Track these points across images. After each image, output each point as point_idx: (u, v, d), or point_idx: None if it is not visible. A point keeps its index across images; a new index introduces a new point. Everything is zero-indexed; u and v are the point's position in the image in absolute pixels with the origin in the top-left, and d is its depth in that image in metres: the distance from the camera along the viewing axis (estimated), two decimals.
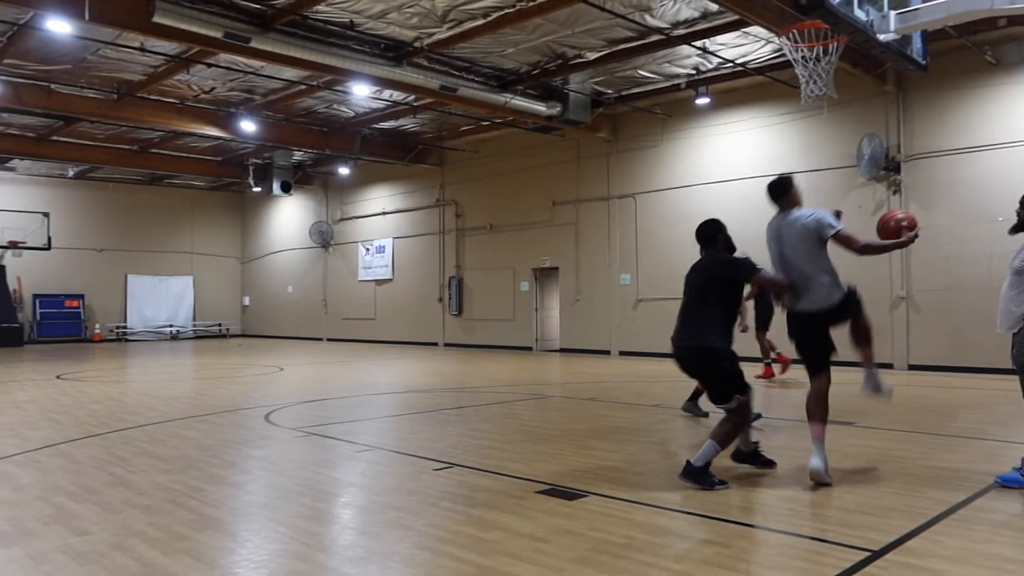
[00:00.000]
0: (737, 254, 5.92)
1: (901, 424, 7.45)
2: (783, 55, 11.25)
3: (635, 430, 7.32)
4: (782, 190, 5.78)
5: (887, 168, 13.27)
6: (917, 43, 9.52)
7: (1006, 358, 5.21)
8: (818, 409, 5.24)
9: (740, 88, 14.97)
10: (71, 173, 24.24)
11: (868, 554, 3.65)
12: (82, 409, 9.03)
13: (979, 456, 5.92)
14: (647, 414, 8.44)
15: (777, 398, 9.91)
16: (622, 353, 16.90)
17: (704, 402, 7.08)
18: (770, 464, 5.50)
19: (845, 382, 6.66)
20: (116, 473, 5.57)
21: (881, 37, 7.91)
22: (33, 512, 4.54)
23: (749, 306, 10.35)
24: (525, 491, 4.94)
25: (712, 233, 5.66)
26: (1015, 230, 5.15)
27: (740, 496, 4.91)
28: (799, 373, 6.21)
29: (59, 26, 10.92)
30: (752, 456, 5.52)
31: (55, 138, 19.14)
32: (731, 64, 13.50)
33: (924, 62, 9.75)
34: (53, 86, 14.70)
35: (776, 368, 11.47)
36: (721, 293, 5.36)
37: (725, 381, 5.14)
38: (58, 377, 13.15)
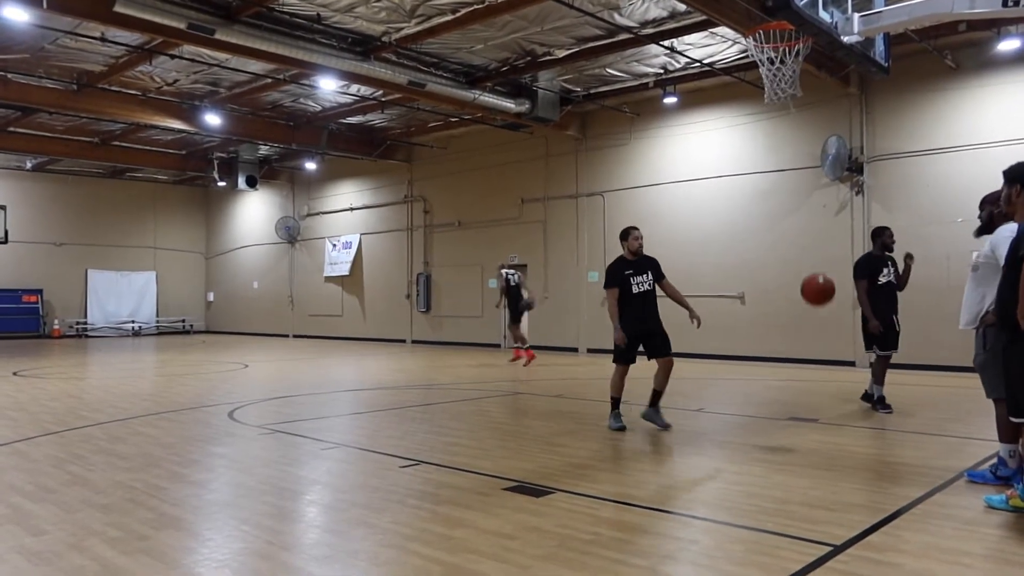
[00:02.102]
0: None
1: (863, 421, 7.58)
2: (749, 56, 11.37)
3: (602, 427, 7.35)
4: None
5: (850, 169, 13.48)
6: (880, 46, 9.67)
7: (964, 356, 5.32)
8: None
9: (707, 88, 15.09)
10: (29, 165, 23.67)
11: (830, 549, 3.70)
12: (39, 406, 8.82)
13: (938, 452, 6.04)
14: None
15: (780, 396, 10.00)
16: (590, 350, 16.97)
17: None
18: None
19: (816, 379, 6.75)
20: (74, 472, 5.45)
21: (845, 39, 8.02)
22: None
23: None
24: (492, 488, 4.93)
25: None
26: (980, 232, 5.25)
27: (705, 492, 4.95)
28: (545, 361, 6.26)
29: (16, 14, 10.62)
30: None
31: (12, 129, 18.63)
32: (698, 64, 13.60)
33: (887, 65, 9.90)
34: (10, 75, 14.30)
35: (523, 357, 14.21)
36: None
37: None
38: (14, 374, 12.84)
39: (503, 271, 15.10)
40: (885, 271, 8.00)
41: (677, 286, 7.39)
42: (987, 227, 5.16)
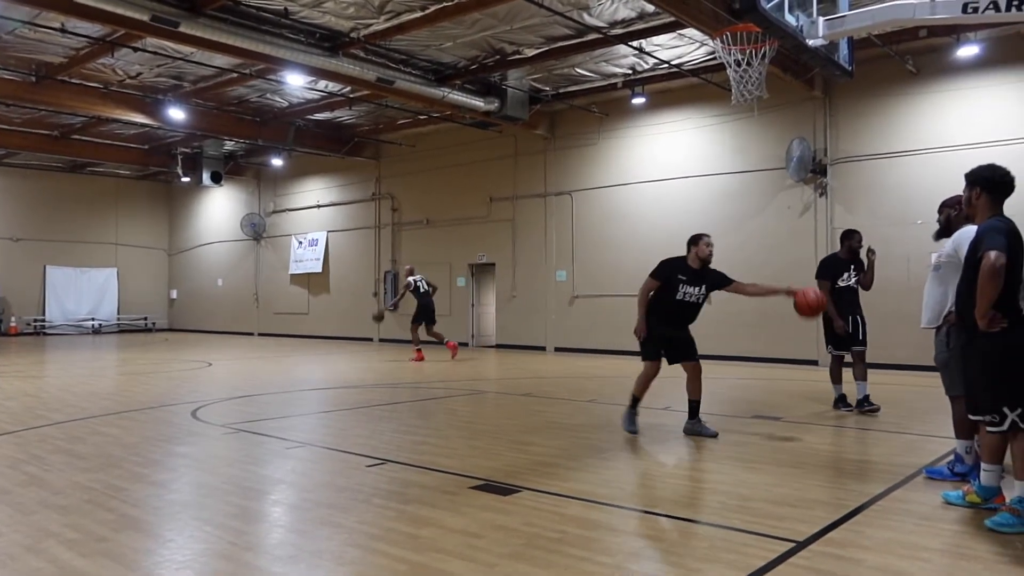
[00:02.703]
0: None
1: (825, 419, 7.70)
2: (717, 57, 11.48)
3: (569, 426, 7.37)
4: None
5: (814, 171, 13.68)
6: (844, 50, 9.81)
7: (924, 355, 5.41)
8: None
9: (675, 89, 15.21)
10: None
11: (793, 545, 3.74)
12: None
13: (898, 449, 6.15)
14: (581, 410, 8.51)
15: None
16: (557, 349, 17.01)
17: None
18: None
19: (780, 378, 6.83)
20: (31, 472, 5.32)
21: (810, 42, 8.12)
22: None
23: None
24: (459, 487, 4.92)
25: None
26: (939, 235, 5.35)
27: (671, 490, 4.99)
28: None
29: None
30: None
31: None
32: (667, 65, 13.71)
33: (850, 69, 10.04)
34: None
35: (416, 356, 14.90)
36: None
37: None
38: None
39: (410, 277, 15.40)
40: (846, 275, 8.15)
41: (638, 286, 7.02)
42: (945, 230, 5.26)
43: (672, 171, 15.52)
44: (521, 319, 17.84)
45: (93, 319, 25.88)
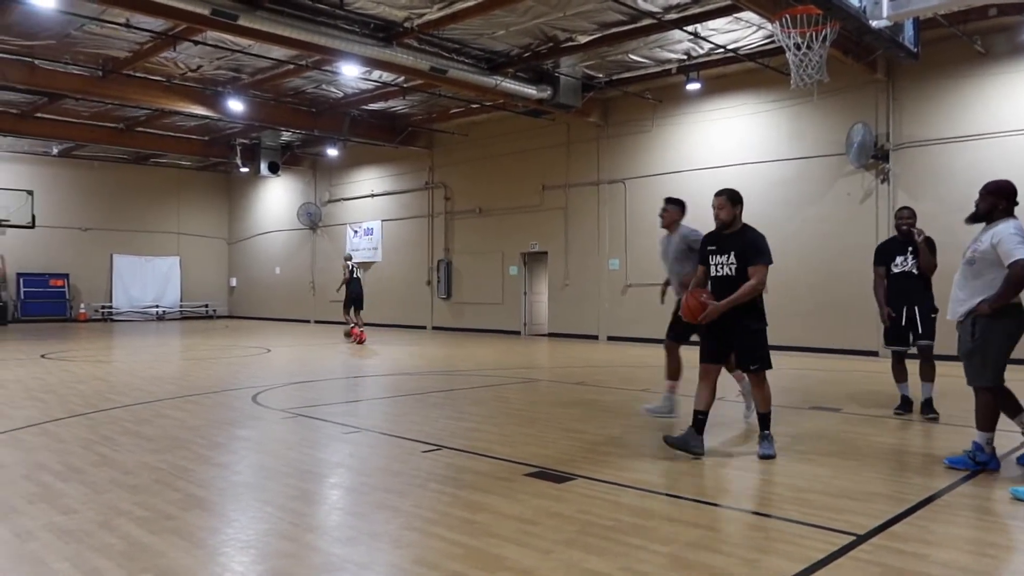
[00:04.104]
0: None
1: (885, 412, 7.51)
2: (774, 41, 11.23)
3: (622, 414, 7.35)
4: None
5: (876, 156, 13.31)
6: (909, 31, 9.51)
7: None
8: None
9: (731, 74, 14.94)
10: (55, 151, 23.95)
11: (853, 538, 3.68)
12: (67, 389, 8.96)
13: (963, 443, 5.96)
14: (635, 398, 8.47)
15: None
16: (610, 338, 16.94)
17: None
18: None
19: (839, 369, 6.69)
20: (102, 453, 5.54)
21: (873, 23, 7.88)
22: (18, 490, 4.51)
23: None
24: (513, 474, 4.95)
25: None
26: (974, 220, 5.20)
27: (726, 480, 4.94)
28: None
29: (42, 0, 10.73)
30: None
31: (39, 115, 18.85)
32: (722, 50, 13.46)
33: (916, 50, 9.73)
34: (37, 62, 14.46)
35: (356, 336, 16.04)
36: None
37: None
38: (42, 356, 13.05)
39: (347, 263, 16.89)
40: (900, 259, 7.12)
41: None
42: (983, 217, 5.12)
43: (727, 158, 15.27)
44: (573, 308, 17.80)
45: (157, 306, 26.72)
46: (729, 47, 13.36)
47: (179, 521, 3.97)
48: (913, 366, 7.19)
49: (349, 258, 17.44)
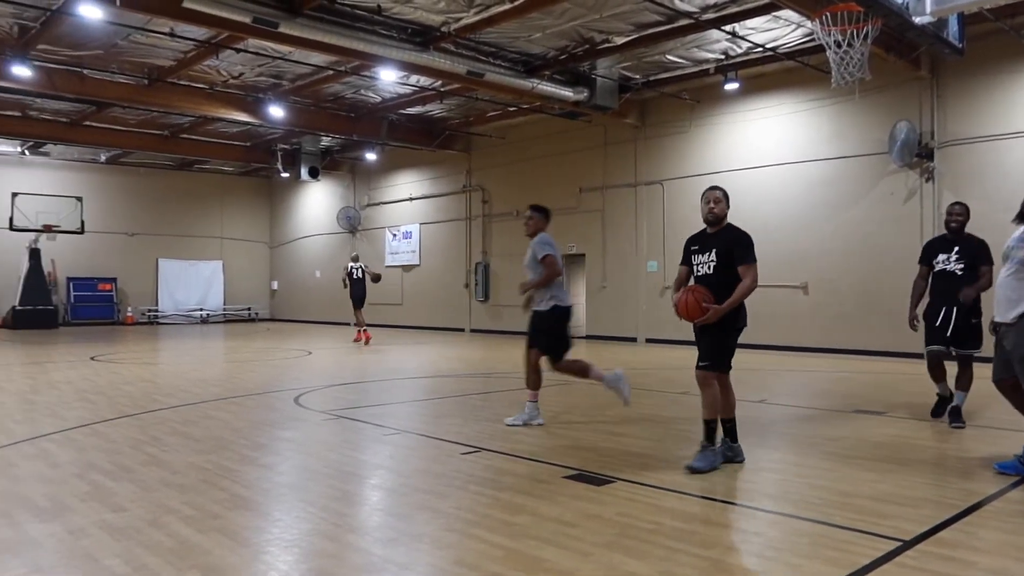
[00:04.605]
0: None
1: (931, 415, 7.35)
2: (814, 39, 11.08)
3: (662, 417, 7.31)
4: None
5: (920, 155, 13.05)
6: (954, 26, 9.32)
7: None
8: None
9: (770, 73, 14.77)
10: (103, 158, 24.59)
11: (899, 544, 3.62)
12: (116, 390, 9.19)
13: (1012, 448, 5.82)
14: (674, 402, 8.42)
15: (807, 389, 9.82)
16: (649, 340, 16.84)
17: None
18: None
19: (883, 371, 6.57)
20: (150, 452, 5.68)
21: (916, 20, 7.76)
22: (71, 489, 4.64)
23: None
24: (552, 476, 4.96)
25: None
26: (1020, 219, 5.06)
27: (769, 485, 4.89)
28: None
29: (91, 11, 11.03)
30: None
31: (87, 123, 19.40)
32: (761, 49, 13.32)
33: (961, 46, 9.54)
34: (85, 71, 14.87)
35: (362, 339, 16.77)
36: None
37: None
38: (92, 359, 13.39)
39: (349, 264, 17.42)
40: (944, 256, 6.79)
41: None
42: None
43: (767, 158, 15.10)
44: (611, 310, 17.74)
45: (201, 309, 27.24)
46: (768, 46, 13.21)
47: (225, 520, 4.05)
48: (951, 368, 6.92)
49: (356, 259, 17.74)
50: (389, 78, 15.22)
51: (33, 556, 3.53)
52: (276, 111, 16.78)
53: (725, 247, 5.21)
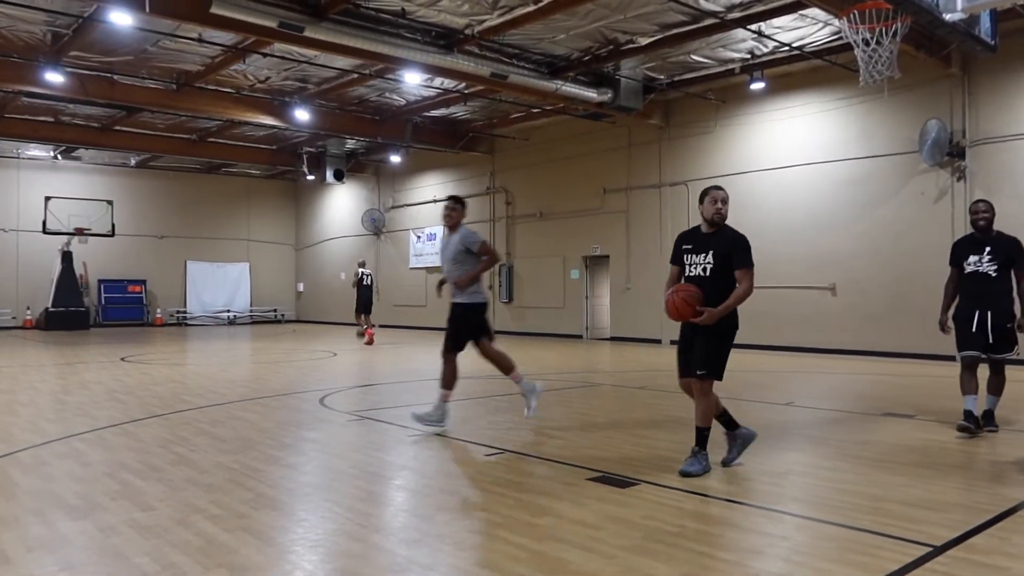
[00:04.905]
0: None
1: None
2: (842, 38, 10.96)
3: (686, 420, 7.22)
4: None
5: (951, 154, 12.85)
6: (986, 23, 9.15)
7: None
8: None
9: (796, 72, 14.63)
10: (133, 162, 24.97)
11: (930, 550, 3.56)
12: (145, 391, 9.32)
13: None
14: None
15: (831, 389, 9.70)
16: (673, 342, 16.69)
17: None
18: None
19: (913, 374, 6.47)
20: (178, 452, 5.74)
21: (947, 17, 7.62)
22: (101, 487, 4.71)
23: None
24: (576, 478, 4.95)
25: None
26: None
27: (796, 488, 4.84)
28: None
29: (121, 18, 11.20)
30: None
31: (118, 128, 19.70)
32: (787, 48, 13.20)
33: (993, 43, 9.36)
34: (116, 77, 15.11)
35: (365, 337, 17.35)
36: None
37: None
38: (122, 359, 13.59)
39: (359, 270, 18.45)
40: (974, 258, 6.48)
41: (764, 278, 6.22)
42: None
43: (794, 158, 14.95)
44: (636, 311, 17.66)
45: (228, 311, 27.54)
46: (794, 45, 13.09)
47: (251, 520, 4.08)
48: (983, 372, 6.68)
49: (363, 264, 18.82)
50: (413, 81, 15.29)
51: (65, 553, 3.59)
52: (302, 114, 16.93)
53: (724, 249, 5.08)
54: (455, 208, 7.13)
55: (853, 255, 14.08)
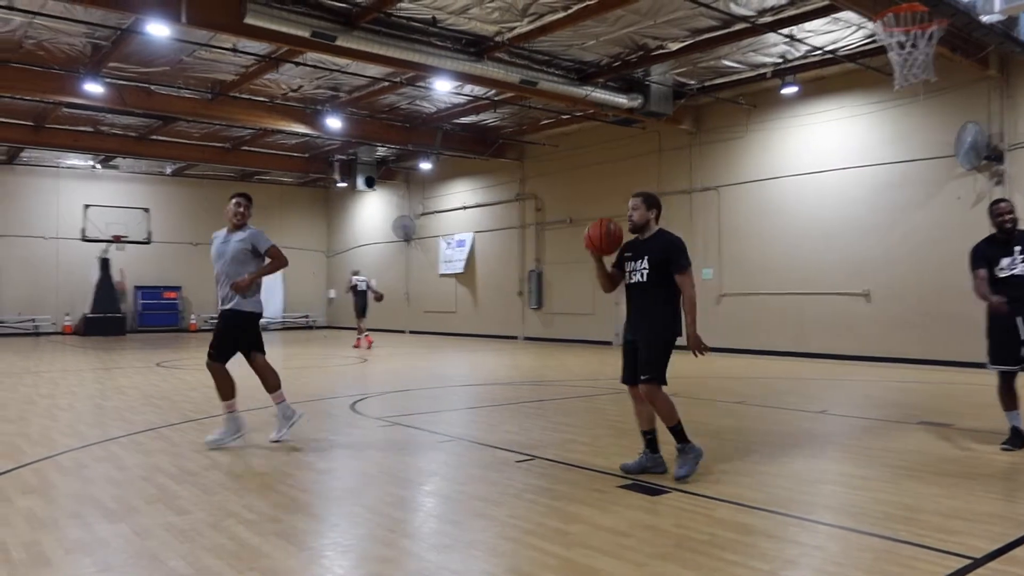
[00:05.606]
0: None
1: (1000, 426, 7.07)
2: (876, 41, 10.82)
3: (716, 427, 7.19)
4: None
5: (989, 157, 12.60)
6: None
7: None
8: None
9: (829, 76, 14.46)
10: (169, 170, 25.41)
11: (969, 562, 3.49)
12: (180, 395, 9.47)
13: None
14: (728, 411, 8.28)
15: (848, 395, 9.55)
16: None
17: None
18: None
19: (949, 382, 6.35)
20: (212, 456, 5.82)
21: (984, 19, 7.51)
22: (138, 491, 4.79)
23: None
24: (607, 485, 4.93)
25: None
26: None
27: (829, 497, 4.77)
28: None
29: (158, 29, 11.42)
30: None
31: (155, 137, 20.10)
32: (820, 51, 13.06)
33: None
34: (153, 87, 15.40)
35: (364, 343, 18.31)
36: None
37: None
38: (157, 365, 13.82)
39: (352, 277, 19.07)
40: (1007, 261, 6.08)
41: (797, 284, 6.00)
42: None
43: (827, 163, 14.77)
44: None
45: (262, 317, 27.82)
46: (827, 48, 12.95)
47: (283, 524, 4.13)
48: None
49: (356, 273, 19.49)
50: (443, 88, 15.39)
51: (103, 555, 3.66)
52: (333, 122, 17.10)
53: (657, 254, 5.20)
54: (243, 205, 6.72)
55: (888, 261, 13.86)
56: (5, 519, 4.19)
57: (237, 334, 6.52)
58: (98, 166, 24.23)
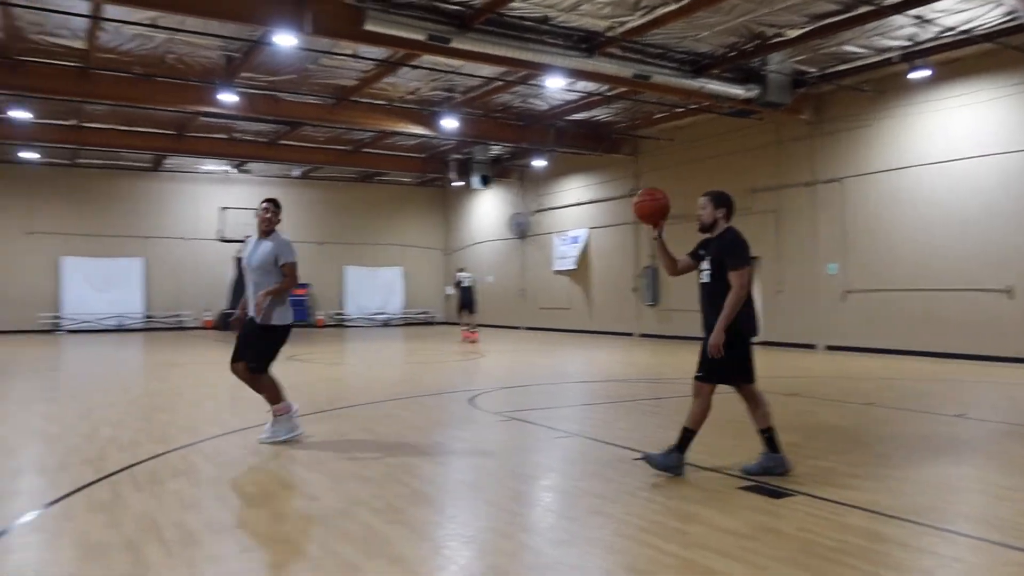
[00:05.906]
0: None
1: None
2: (1016, 18, 10.06)
3: (844, 429, 6.91)
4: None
5: None
6: None
7: None
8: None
9: (964, 58, 13.54)
10: (296, 173, 26.71)
11: None
12: (311, 388, 9.96)
13: None
14: (858, 413, 7.93)
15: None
16: (829, 347, 15.94)
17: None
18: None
19: None
20: (341, 447, 6.11)
21: None
22: (273, 477, 5.11)
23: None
24: (727, 486, 4.85)
25: None
26: None
27: (970, 506, 4.51)
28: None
29: (284, 40, 12.01)
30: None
31: (283, 142, 21.19)
32: (953, 32, 12.26)
33: None
34: (280, 95, 16.24)
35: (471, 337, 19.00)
36: None
37: None
38: (289, 358, 14.56)
39: (457, 274, 20.02)
40: None
41: (929, 280, 5.89)
42: None
43: (962, 150, 13.83)
44: (788, 315, 16.96)
45: (383, 313, 28.87)
46: (961, 28, 12.14)
47: (408, 514, 4.29)
48: None
49: (461, 270, 20.35)
50: (556, 86, 15.43)
51: (243, 536, 3.92)
52: (449, 123, 17.48)
53: (717, 253, 5.22)
54: (270, 209, 6.49)
55: None
56: (157, 499, 4.56)
57: (275, 344, 6.43)
58: (233, 170, 25.75)
